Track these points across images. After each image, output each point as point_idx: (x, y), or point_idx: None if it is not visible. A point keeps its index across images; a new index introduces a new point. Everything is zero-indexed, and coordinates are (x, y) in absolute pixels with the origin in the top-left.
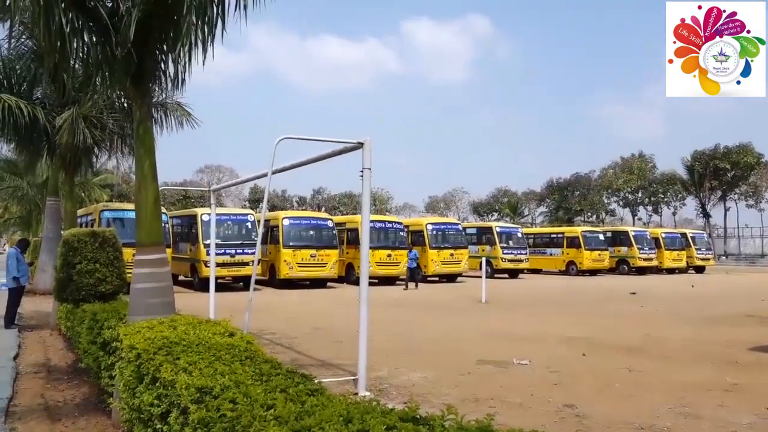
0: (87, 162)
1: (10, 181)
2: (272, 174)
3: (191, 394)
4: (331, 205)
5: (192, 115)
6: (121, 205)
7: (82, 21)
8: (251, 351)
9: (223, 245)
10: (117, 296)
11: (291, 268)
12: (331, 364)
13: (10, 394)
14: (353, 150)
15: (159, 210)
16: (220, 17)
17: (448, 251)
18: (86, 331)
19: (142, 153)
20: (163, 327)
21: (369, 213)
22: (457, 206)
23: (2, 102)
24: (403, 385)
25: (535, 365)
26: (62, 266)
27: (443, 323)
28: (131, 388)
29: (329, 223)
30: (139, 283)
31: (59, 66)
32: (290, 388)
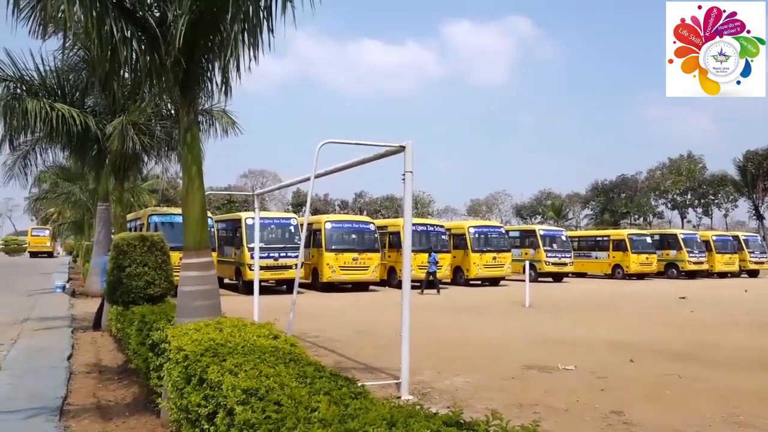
0: (136, 168)
1: (63, 187)
2: (315, 178)
3: (237, 395)
4: (373, 209)
5: (236, 123)
6: (169, 209)
7: (132, 30)
8: (295, 353)
9: (267, 249)
10: (165, 299)
11: (333, 271)
12: (373, 367)
13: (64, 393)
14: (395, 153)
15: (205, 214)
16: (265, 24)
17: (490, 254)
18: (136, 332)
19: (189, 159)
20: (210, 329)
21: (411, 216)
22: (500, 209)
23: (56, 111)
24: (446, 389)
25: (580, 371)
26: (113, 269)
27: (486, 327)
28: (179, 388)
29: (371, 226)
30: (186, 285)
31: (110, 75)
32: (334, 391)
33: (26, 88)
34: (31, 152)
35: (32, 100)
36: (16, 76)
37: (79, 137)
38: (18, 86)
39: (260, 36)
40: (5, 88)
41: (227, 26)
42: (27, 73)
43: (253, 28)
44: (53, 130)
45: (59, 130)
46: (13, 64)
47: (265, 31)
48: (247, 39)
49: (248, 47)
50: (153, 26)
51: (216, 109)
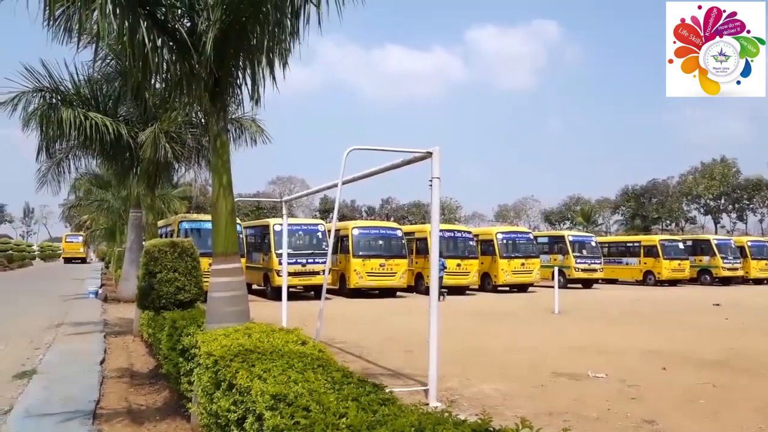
0: (167, 175)
1: (97, 194)
2: (342, 184)
3: (266, 400)
4: (400, 215)
5: (265, 132)
6: (199, 216)
7: (163, 40)
8: (323, 359)
9: (295, 255)
10: (195, 304)
11: (361, 277)
12: (401, 373)
13: (97, 397)
14: (422, 159)
15: (234, 221)
16: (293, 33)
17: (518, 260)
18: (166, 337)
19: (219, 166)
20: (239, 335)
21: (438, 222)
22: (528, 215)
23: (90, 120)
24: (475, 396)
25: (611, 378)
26: (144, 275)
27: (515, 334)
28: (209, 393)
29: (398, 232)
30: (215, 291)
31: (141, 84)
32: (362, 397)
33: (61, 98)
34: (65, 160)
35: (67, 109)
36: (52, 87)
37: (112, 145)
38: (53, 96)
39: (288, 44)
40: (41, 98)
41: (256, 35)
42: (62, 84)
43: (281, 37)
44: (87, 139)
45: (93, 139)
46: (49, 74)
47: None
48: (276, 47)
49: (276, 56)
50: (183, 36)
51: (245, 117)
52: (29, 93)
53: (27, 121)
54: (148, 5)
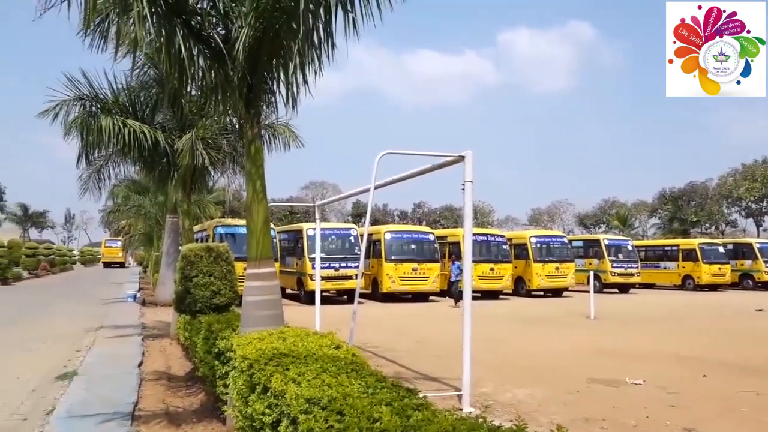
0: (203, 181)
1: (134, 200)
2: (374, 189)
3: (300, 404)
4: (432, 219)
5: (298, 137)
6: (233, 221)
7: (198, 48)
8: (356, 363)
9: (328, 259)
10: (230, 308)
11: (393, 281)
12: (434, 378)
13: (135, 399)
14: (454, 163)
15: (268, 226)
16: (326, 40)
17: (553, 265)
18: (202, 341)
19: (253, 172)
20: (273, 338)
21: (471, 226)
22: (562, 218)
23: (128, 127)
24: (509, 402)
25: (649, 385)
26: (181, 279)
27: (549, 339)
28: (244, 396)
29: (430, 236)
30: (250, 295)
31: (178, 92)
32: (395, 402)
33: (100, 106)
34: (104, 167)
35: (106, 117)
36: (92, 95)
37: (149, 152)
38: (93, 104)
39: (321, 51)
40: (81, 106)
41: (289, 42)
42: (101, 92)
43: (314, 44)
44: (125, 146)
45: (131, 146)
46: (88, 83)
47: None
48: (308, 54)
49: (309, 62)
50: (218, 43)
51: (278, 123)
52: (70, 101)
53: (68, 129)
54: (184, 14)
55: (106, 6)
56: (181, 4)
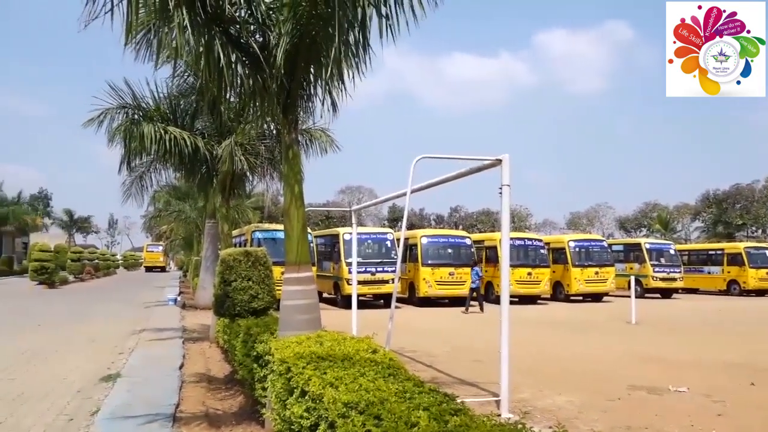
0: (241, 186)
1: (175, 205)
2: (411, 193)
3: (338, 408)
4: (469, 223)
5: (334, 141)
6: (271, 225)
7: (236, 55)
8: (394, 368)
9: (364, 263)
10: (268, 312)
11: (430, 286)
12: (471, 383)
13: (176, 401)
14: (491, 167)
15: (306, 230)
16: (362, 45)
17: (592, 269)
18: (241, 344)
19: (291, 177)
20: (311, 342)
21: (508, 230)
22: (601, 222)
23: (169, 134)
24: (548, 408)
25: (694, 393)
26: (220, 284)
27: (589, 344)
28: (282, 400)
29: (467, 241)
30: (288, 299)
31: (217, 98)
32: (433, 407)
33: (142, 114)
34: (146, 173)
35: (148, 124)
36: (134, 103)
37: (189, 158)
38: (135, 112)
39: (357, 56)
40: (125, 114)
41: (325, 49)
42: (143, 100)
43: (349, 49)
44: (166, 152)
45: (171, 152)
46: (131, 92)
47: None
48: (344, 59)
49: (345, 67)
50: (256, 51)
51: (314, 128)
52: (114, 110)
53: (112, 137)
54: (222, 23)
55: (148, 17)
56: (220, 13)
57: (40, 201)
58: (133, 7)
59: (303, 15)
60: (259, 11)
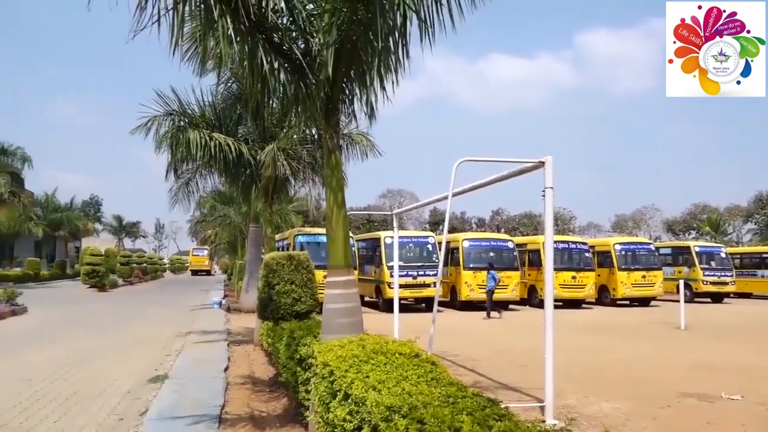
0: (284, 191)
1: (220, 210)
2: (452, 196)
3: (381, 412)
4: (511, 226)
5: (375, 146)
6: (313, 229)
7: (279, 62)
8: (437, 372)
9: (406, 267)
10: (311, 315)
11: (472, 289)
12: (515, 389)
13: (222, 402)
14: (534, 169)
15: (348, 234)
16: (402, 51)
17: (639, 273)
18: (285, 347)
19: (333, 181)
20: (353, 345)
21: (552, 233)
22: (648, 225)
23: (214, 140)
24: (595, 415)
25: (748, 401)
26: (263, 287)
27: (636, 350)
28: (325, 402)
29: (509, 244)
30: (330, 303)
31: (260, 105)
32: (477, 412)
33: (188, 121)
34: (192, 179)
35: (193, 131)
36: (180, 111)
37: (233, 164)
38: (181, 119)
39: (397, 60)
40: (171, 121)
41: (367, 54)
42: (189, 107)
43: (390, 54)
44: (211, 158)
45: (216, 158)
46: (177, 99)
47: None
48: (385, 64)
49: (386, 72)
50: (298, 57)
51: (355, 132)
52: (160, 117)
53: (159, 143)
54: (265, 30)
55: (193, 27)
56: (263, 21)
57: (92, 207)
58: (180, 16)
59: (344, 21)
60: (300, 18)
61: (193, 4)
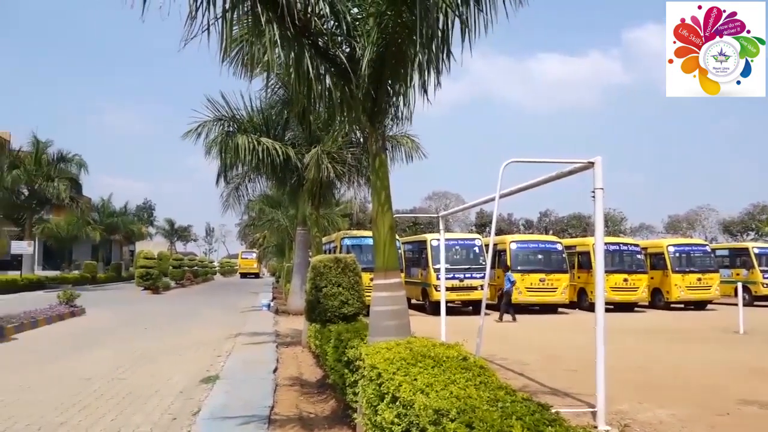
0: (330, 194)
1: (268, 213)
2: (499, 198)
3: (429, 415)
4: (559, 228)
5: (420, 147)
6: (359, 232)
7: (325, 67)
8: (485, 376)
9: (452, 269)
10: (357, 318)
11: (519, 292)
12: (565, 393)
13: (271, 403)
14: (583, 170)
15: (394, 237)
16: (444, 52)
17: (694, 275)
18: (332, 349)
19: (378, 184)
20: (401, 348)
21: (602, 235)
22: (703, 226)
23: (262, 145)
24: (649, 422)
25: None
26: (311, 290)
27: (692, 355)
28: (373, 405)
29: (558, 246)
30: (377, 305)
31: (306, 109)
32: (527, 417)
33: (237, 126)
34: (241, 184)
35: (242, 136)
36: (229, 116)
37: (281, 168)
38: (230, 124)
39: (441, 62)
40: (221, 126)
41: (411, 56)
42: (238, 113)
43: (435, 56)
44: (259, 162)
45: (264, 162)
46: (227, 105)
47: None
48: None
49: (431, 74)
50: (343, 61)
51: (400, 135)
52: (210, 122)
53: (209, 148)
54: (311, 35)
55: (241, 34)
56: (308, 26)
57: (145, 211)
58: (228, 24)
59: (388, 24)
60: (345, 22)
61: (240, 11)
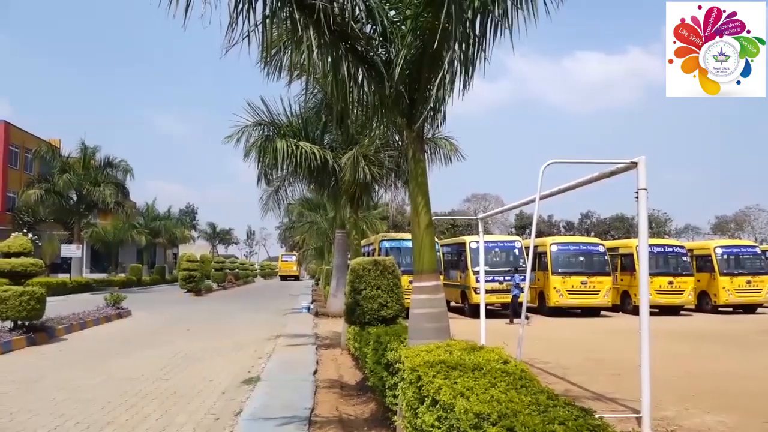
0: (368, 196)
1: (307, 216)
2: (540, 200)
3: (469, 419)
4: (601, 230)
5: (459, 149)
6: (398, 234)
7: (362, 71)
8: (526, 379)
9: (492, 272)
10: (397, 320)
11: (561, 295)
12: (608, 398)
13: (311, 405)
14: (626, 170)
15: (433, 239)
16: (479, 53)
17: (743, 278)
18: (371, 352)
19: (416, 187)
20: (440, 351)
21: (647, 237)
22: (753, 227)
23: (300, 149)
24: (696, 428)
25: None
26: (350, 292)
27: (741, 359)
28: (413, 408)
29: (600, 248)
30: (417, 308)
31: (344, 113)
32: (569, 421)
33: (276, 130)
34: (281, 187)
35: (281, 140)
36: (269, 120)
37: (319, 171)
38: (270, 129)
39: (475, 63)
40: (261, 131)
41: (447, 58)
42: (277, 117)
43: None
44: (297, 166)
45: (303, 166)
46: (267, 109)
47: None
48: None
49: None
50: (380, 65)
51: (438, 137)
52: (250, 127)
53: (247, 152)
54: (348, 40)
55: (280, 40)
56: (345, 30)
57: (187, 215)
58: (268, 31)
59: (425, 27)
60: (382, 25)
61: (279, 17)
